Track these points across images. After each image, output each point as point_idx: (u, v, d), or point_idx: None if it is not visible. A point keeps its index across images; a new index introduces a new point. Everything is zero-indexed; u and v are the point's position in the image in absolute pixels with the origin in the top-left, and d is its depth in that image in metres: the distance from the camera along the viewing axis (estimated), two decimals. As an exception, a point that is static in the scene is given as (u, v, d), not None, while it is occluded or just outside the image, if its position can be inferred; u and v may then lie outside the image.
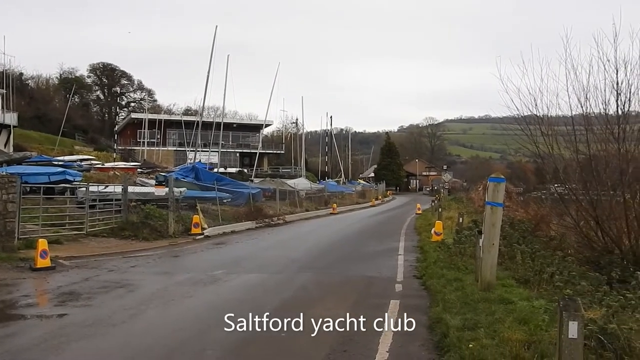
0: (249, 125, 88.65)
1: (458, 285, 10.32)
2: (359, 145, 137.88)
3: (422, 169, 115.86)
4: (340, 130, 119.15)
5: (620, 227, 12.28)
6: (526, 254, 12.47)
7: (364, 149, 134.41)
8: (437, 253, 14.97)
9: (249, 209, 28.71)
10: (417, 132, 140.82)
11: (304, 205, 39.76)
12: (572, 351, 4.68)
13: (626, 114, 12.56)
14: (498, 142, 71.82)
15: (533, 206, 21.24)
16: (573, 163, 14.16)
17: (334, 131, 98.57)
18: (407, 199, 72.76)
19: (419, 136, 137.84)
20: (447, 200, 46.63)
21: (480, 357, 6.06)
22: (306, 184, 53.03)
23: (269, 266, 14.39)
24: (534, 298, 9.04)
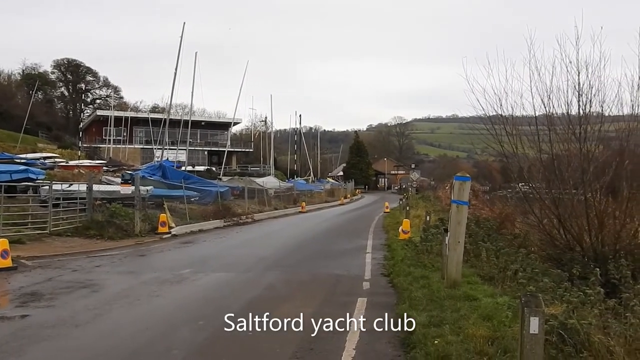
0: (218, 124, 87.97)
1: (424, 282, 10.44)
2: (328, 144, 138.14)
3: (391, 168, 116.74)
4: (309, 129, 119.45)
5: (581, 225, 12.54)
6: (491, 251, 12.67)
7: (333, 147, 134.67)
8: (405, 251, 15.12)
9: (217, 208, 28.50)
10: (385, 131, 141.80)
11: (273, 204, 39.69)
12: (533, 346, 4.77)
13: (587, 115, 12.83)
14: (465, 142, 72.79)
15: (498, 205, 21.60)
16: (537, 162, 14.41)
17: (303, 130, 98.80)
18: (375, 197, 73.22)
19: (388, 135, 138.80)
20: (415, 199, 47.04)
21: (445, 353, 6.14)
22: (275, 182, 52.89)
23: (236, 265, 14.32)
24: (498, 295, 9.18)
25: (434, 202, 42.61)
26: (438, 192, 49.94)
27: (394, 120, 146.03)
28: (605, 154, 13.81)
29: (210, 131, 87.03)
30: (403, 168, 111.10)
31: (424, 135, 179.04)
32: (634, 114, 12.51)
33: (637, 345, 5.65)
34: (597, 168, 12.94)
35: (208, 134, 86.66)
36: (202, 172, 55.31)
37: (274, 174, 67.41)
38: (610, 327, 6.19)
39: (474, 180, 33.40)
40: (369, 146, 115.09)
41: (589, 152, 12.66)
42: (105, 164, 47.58)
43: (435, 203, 40.48)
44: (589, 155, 12.61)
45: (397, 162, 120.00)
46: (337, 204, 55.50)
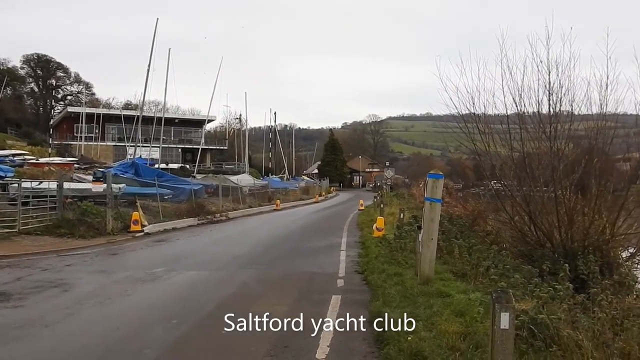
0: (192, 121, 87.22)
1: (398, 279, 10.50)
2: (303, 141, 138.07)
3: (365, 166, 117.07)
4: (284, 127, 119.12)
5: (551, 221, 12.75)
6: (464, 248, 12.84)
7: (308, 145, 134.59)
8: (379, 248, 15.19)
9: (190, 206, 28.26)
10: (360, 129, 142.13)
11: (247, 202, 39.51)
12: (504, 341, 4.84)
13: (557, 114, 13.06)
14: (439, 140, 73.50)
15: (471, 202, 21.82)
16: (508, 160, 14.59)
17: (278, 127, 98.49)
18: (350, 195, 73.39)
19: (363, 133, 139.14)
20: (389, 196, 47.28)
21: (418, 349, 6.20)
22: (249, 180, 52.66)
23: (210, 263, 14.24)
24: (470, 291, 9.30)
25: (408, 199, 42.91)
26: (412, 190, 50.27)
27: (368, 118, 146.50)
28: (574, 152, 14.07)
29: (184, 128, 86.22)
30: (378, 166, 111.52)
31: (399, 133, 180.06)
32: (602, 113, 12.76)
33: (604, 339, 5.77)
34: (567, 166, 13.18)
35: (182, 132, 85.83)
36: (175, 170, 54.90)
37: (249, 172, 67.05)
38: (578, 321, 6.32)
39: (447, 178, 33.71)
40: (344, 144, 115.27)
41: (559, 150, 12.87)
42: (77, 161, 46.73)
43: (409, 200, 40.77)
44: (559, 154, 12.82)
45: (372, 159, 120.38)
46: (312, 201, 55.52)
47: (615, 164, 14.33)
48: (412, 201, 38.71)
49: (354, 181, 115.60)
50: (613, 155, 14.04)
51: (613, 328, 6.09)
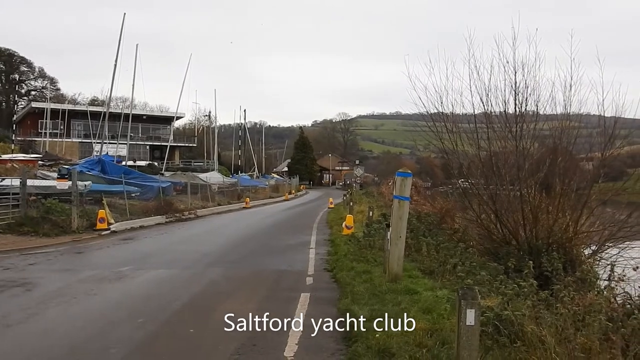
0: (160, 117, 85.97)
1: (367, 277, 10.57)
2: (273, 139, 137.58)
3: (335, 164, 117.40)
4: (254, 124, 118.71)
5: (517, 219, 12.93)
6: (431, 246, 12.96)
7: (278, 143, 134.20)
8: (348, 246, 15.25)
9: (158, 203, 27.94)
10: (330, 127, 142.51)
11: (217, 200, 39.22)
12: (470, 337, 4.92)
13: (523, 114, 13.23)
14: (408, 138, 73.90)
15: (439, 200, 22.08)
16: (476, 159, 14.75)
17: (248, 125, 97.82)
18: (320, 193, 73.50)
19: (333, 131, 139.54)
20: (359, 195, 47.50)
21: (385, 346, 6.25)
22: (219, 177, 52.29)
23: (178, 261, 14.10)
24: (437, 288, 9.41)
25: (378, 197, 43.14)
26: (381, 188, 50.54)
27: (338, 116, 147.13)
28: (540, 151, 14.33)
29: (152, 125, 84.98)
30: (347, 164, 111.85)
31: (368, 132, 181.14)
32: (566, 114, 13.01)
33: (566, 335, 5.88)
34: (532, 165, 13.39)
35: (150, 128, 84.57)
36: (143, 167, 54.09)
37: (218, 170, 66.55)
38: (542, 317, 6.42)
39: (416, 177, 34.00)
40: (314, 142, 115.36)
41: (525, 149, 13.05)
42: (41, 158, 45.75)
43: (378, 199, 40.99)
44: (525, 153, 13.00)
45: (342, 158, 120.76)
46: (282, 199, 55.44)
47: (579, 163, 14.61)
48: (381, 199, 38.93)
49: (324, 179, 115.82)
50: (576, 154, 14.31)
51: (575, 324, 6.20)
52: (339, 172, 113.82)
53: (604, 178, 13.40)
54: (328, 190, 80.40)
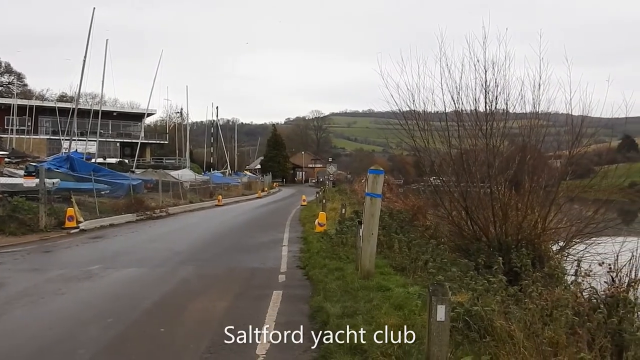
0: (131, 114, 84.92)
1: (339, 274, 10.58)
2: (246, 136, 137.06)
3: (308, 161, 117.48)
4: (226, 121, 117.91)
5: (487, 216, 13.11)
6: (403, 242, 13.04)
7: (251, 140, 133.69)
8: (320, 243, 15.25)
9: (129, 201, 27.54)
10: (303, 125, 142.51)
11: (189, 197, 38.87)
12: (440, 333, 4.97)
13: (493, 112, 13.40)
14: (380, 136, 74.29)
15: (411, 197, 22.20)
16: (447, 157, 14.89)
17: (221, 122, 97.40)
18: (293, 190, 73.44)
19: (306, 129, 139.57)
20: (332, 192, 47.53)
21: (357, 342, 6.26)
22: (191, 175, 51.82)
23: (149, 260, 13.93)
24: (409, 284, 9.46)
25: (350, 195, 43.21)
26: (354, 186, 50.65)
27: (311, 114, 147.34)
28: (509, 149, 14.54)
29: (123, 122, 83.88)
30: (320, 161, 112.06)
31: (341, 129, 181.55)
32: (535, 112, 13.22)
33: (535, 329, 5.99)
34: (502, 163, 13.58)
35: (120, 125, 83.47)
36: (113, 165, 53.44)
37: (190, 167, 66.04)
38: (511, 312, 6.52)
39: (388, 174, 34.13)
40: (287, 139, 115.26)
41: (495, 147, 13.21)
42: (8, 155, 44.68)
43: (351, 196, 41.07)
44: (495, 151, 13.17)
45: (315, 155, 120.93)
46: (255, 197, 55.23)
47: (547, 161, 14.86)
48: (354, 197, 39.02)
49: (296, 177, 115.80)
50: (545, 152, 14.56)
51: (543, 318, 6.32)
52: (312, 169, 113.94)
53: (572, 175, 13.65)
54: (301, 188, 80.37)
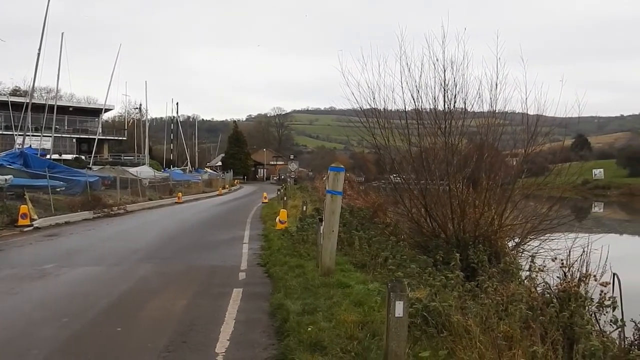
0: (88, 109, 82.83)
1: (300, 271, 10.58)
2: (207, 133, 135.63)
3: (270, 158, 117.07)
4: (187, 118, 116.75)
5: (446, 213, 13.32)
6: (364, 240, 13.14)
7: (212, 137, 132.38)
8: (281, 241, 15.23)
9: (85, 198, 26.96)
10: (265, 122, 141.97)
11: (148, 195, 38.31)
12: (398, 329, 5.02)
13: (452, 111, 13.63)
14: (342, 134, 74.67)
15: (372, 195, 22.40)
16: (407, 155, 15.06)
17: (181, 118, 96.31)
18: (254, 187, 73.08)
19: (267, 126, 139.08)
20: (293, 189, 47.54)
21: (317, 339, 6.27)
22: (150, 172, 51.01)
23: (106, 258, 13.64)
24: (369, 281, 9.53)
25: (312, 192, 43.30)
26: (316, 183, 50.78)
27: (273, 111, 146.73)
28: (467, 147, 14.81)
29: (80, 117, 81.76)
30: (282, 159, 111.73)
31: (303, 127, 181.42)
32: (492, 111, 13.51)
33: (490, 324, 6.13)
34: (461, 160, 13.82)
35: (77, 121, 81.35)
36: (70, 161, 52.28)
37: (149, 164, 65.01)
38: (468, 308, 6.66)
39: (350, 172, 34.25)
40: (249, 136, 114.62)
41: (453, 145, 13.43)
42: (-43, 151, 43.23)
43: (312, 193, 41.15)
44: (453, 149, 13.39)
45: (276, 152, 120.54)
46: (215, 194, 54.75)
47: (504, 159, 15.20)
48: (315, 194, 39.09)
49: (258, 174, 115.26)
50: (502, 150, 14.90)
51: (498, 313, 6.48)
52: (273, 166, 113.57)
53: (527, 173, 14.00)
54: (262, 185, 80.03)
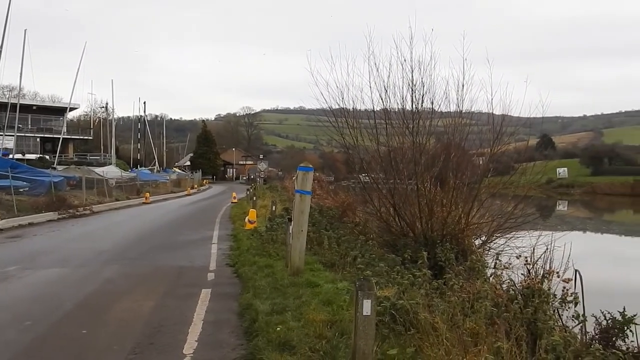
0: (52, 108, 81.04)
1: (269, 271, 10.58)
2: (175, 132, 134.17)
3: (239, 158, 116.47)
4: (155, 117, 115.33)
5: (414, 212, 13.45)
6: (333, 239, 13.19)
7: (180, 136, 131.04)
8: (250, 241, 15.19)
9: (50, 199, 26.40)
10: (234, 121, 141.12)
11: (114, 195, 37.72)
12: (366, 327, 5.05)
13: (420, 110, 13.77)
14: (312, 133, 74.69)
15: (341, 194, 22.48)
16: (376, 154, 15.16)
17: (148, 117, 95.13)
18: (223, 187, 72.62)
19: (237, 125, 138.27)
20: (263, 189, 47.39)
21: (286, 339, 6.28)
22: (117, 172, 50.25)
23: (72, 259, 13.39)
24: (338, 280, 9.57)
25: (281, 192, 43.27)
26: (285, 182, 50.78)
27: (242, 110, 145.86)
28: (435, 147, 14.98)
29: (44, 116, 79.92)
30: (251, 158, 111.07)
31: (272, 126, 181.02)
32: (459, 111, 13.70)
33: (456, 321, 6.22)
34: (428, 160, 13.96)
35: (41, 120, 79.49)
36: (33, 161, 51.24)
37: (116, 164, 64.04)
38: (435, 305, 6.74)
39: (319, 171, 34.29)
40: (218, 136, 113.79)
41: (421, 145, 13.57)
42: None
43: (282, 193, 41.13)
44: (421, 148, 13.53)
45: (246, 152, 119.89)
46: (184, 194, 54.25)
47: (471, 158, 15.41)
48: (284, 193, 39.08)
49: (227, 174, 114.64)
50: (468, 150, 15.10)
51: (464, 310, 6.58)
52: (242, 166, 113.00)
53: (493, 172, 14.24)
54: (232, 185, 79.59)
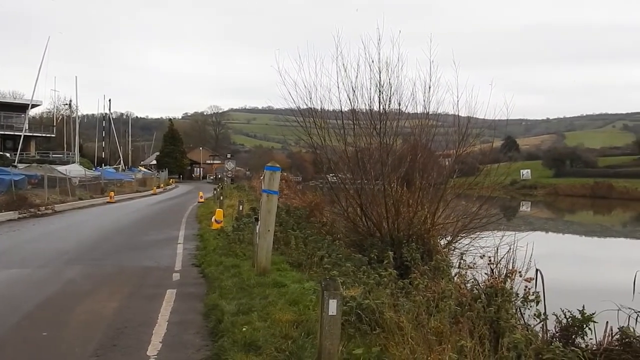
0: (13, 105, 78.97)
1: (235, 271, 10.51)
2: (141, 131, 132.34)
3: (207, 157, 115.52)
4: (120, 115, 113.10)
5: (380, 212, 13.55)
6: (300, 239, 13.17)
7: (146, 135, 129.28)
8: (217, 241, 15.07)
9: (10, 198, 25.74)
10: (201, 120, 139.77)
11: (78, 194, 36.95)
12: (332, 327, 5.07)
13: (387, 111, 13.90)
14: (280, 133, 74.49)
15: (309, 194, 22.53)
16: (343, 155, 15.23)
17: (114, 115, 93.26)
18: (190, 187, 71.91)
19: (204, 124, 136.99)
20: (230, 189, 47.09)
21: (252, 339, 6.25)
22: (80, 170, 49.26)
23: (32, 260, 13.06)
24: (305, 280, 9.56)
25: (249, 191, 43.08)
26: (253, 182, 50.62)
27: (210, 109, 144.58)
28: (402, 148, 15.12)
29: (4, 113, 77.78)
30: (219, 158, 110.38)
31: (240, 126, 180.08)
32: (425, 112, 13.87)
33: (421, 320, 6.29)
34: (395, 160, 14.11)
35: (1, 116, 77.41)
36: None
37: (79, 162, 62.82)
38: (400, 305, 6.80)
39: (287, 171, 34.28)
40: (185, 135, 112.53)
41: (388, 145, 13.70)
42: None
43: (249, 193, 40.94)
44: (388, 149, 13.65)
45: (213, 151, 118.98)
46: (150, 193, 53.55)
47: (437, 159, 15.61)
48: (252, 193, 38.91)
49: (194, 173, 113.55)
50: (435, 151, 15.30)
51: (429, 309, 6.66)
52: (210, 165, 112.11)
53: (459, 173, 14.46)
54: (199, 184, 78.86)
